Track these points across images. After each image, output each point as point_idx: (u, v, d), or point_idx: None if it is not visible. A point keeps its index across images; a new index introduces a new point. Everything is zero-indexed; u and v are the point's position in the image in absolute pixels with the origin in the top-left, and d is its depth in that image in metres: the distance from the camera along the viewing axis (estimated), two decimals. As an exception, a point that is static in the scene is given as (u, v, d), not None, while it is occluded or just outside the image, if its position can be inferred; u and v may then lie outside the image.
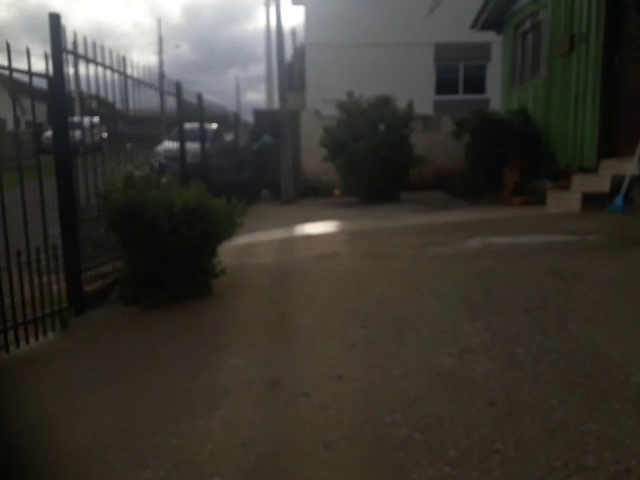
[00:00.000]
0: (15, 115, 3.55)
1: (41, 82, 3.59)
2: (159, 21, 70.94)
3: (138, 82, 4.50)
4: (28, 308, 3.54)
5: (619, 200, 5.49)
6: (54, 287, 3.72)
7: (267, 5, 23.54)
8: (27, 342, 3.28)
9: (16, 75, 3.26)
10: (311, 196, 11.36)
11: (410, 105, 9.53)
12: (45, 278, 3.66)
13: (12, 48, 3.03)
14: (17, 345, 3.25)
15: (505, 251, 4.22)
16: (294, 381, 2.35)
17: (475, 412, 1.96)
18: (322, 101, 13.07)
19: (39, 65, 3.47)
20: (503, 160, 8.01)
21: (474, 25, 10.52)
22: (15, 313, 3.42)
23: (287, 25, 46.74)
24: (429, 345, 2.57)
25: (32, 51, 3.19)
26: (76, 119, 3.88)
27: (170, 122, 6.28)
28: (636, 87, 6.15)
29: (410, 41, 15.97)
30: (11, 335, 3.30)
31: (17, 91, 3.66)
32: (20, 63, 3.35)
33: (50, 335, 3.44)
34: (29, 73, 3.32)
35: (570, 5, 7.25)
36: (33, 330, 3.36)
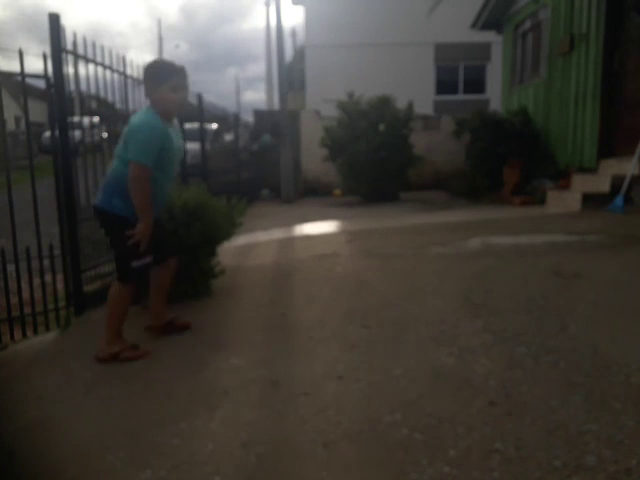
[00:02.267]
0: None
1: (41, 82, 3.60)
2: (159, 22, 70.83)
3: (138, 82, 4.50)
4: (27, 307, 3.56)
5: (619, 200, 5.49)
6: (53, 287, 3.73)
7: (267, 5, 23.55)
8: (25, 335, 3.32)
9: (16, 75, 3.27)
10: (311, 196, 11.36)
11: (410, 105, 9.54)
12: (44, 278, 3.66)
13: (10, 48, 3.03)
14: (12, 338, 3.29)
15: (505, 251, 4.21)
16: (294, 381, 2.35)
17: (475, 412, 1.96)
18: (322, 101, 13.06)
19: (37, 65, 3.48)
20: (503, 160, 8.01)
21: (474, 25, 10.52)
22: (10, 310, 3.45)
23: (287, 25, 46.73)
24: (429, 345, 2.57)
25: (29, 50, 3.19)
26: (76, 119, 3.88)
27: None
28: (636, 87, 6.15)
29: (410, 41, 15.97)
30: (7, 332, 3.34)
31: (19, 91, 3.66)
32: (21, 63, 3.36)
33: (50, 335, 3.44)
34: (31, 75, 3.32)
35: (570, 5, 7.24)
36: (31, 327, 3.39)
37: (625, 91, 6.35)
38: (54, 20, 3.47)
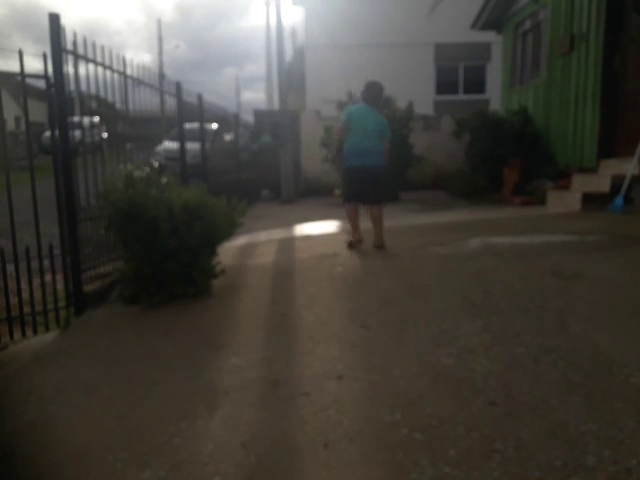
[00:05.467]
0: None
1: (41, 82, 3.60)
2: (159, 22, 70.55)
3: (138, 82, 4.50)
4: (27, 307, 3.56)
5: (619, 200, 5.49)
6: (53, 287, 3.73)
7: (267, 5, 23.53)
8: (24, 335, 3.33)
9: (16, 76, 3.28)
10: (311, 196, 11.35)
11: (410, 105, 9.54)
12: (43, 278, 3.66)
13: (7, 47, 3.04)
14: (11, 337, 3.30)
15: (505, 251, 4.21)
16: (294, 381, 2.35)
17: (475, 412, 1.96)
18: (322, 101, 13.06)
19: (35, 64, 3.49)
20: (503, 160, 8.01)
21: (474, 25, 10.52)
22: (10, 310, 3.45)
23: (287, 25, 46.55)
24: (429, 345, 2.57)
25: (25, 49, 3.18)
26: (76, 119, 3.88)
27: (170, 122, 6.27)
28: (636, 87, 6.15)
29: (410, 41, 15.96)
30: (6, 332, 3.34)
31: (19, 91, 3.68)
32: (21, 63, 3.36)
33: (50, 335, 3.45)
34: (32, 75, 3.32)
35: (570, 5, 7.24)
36: (31, 327, 3.39)
37: (625, 91, 6.35)
38: (54, 20, 3.47)
